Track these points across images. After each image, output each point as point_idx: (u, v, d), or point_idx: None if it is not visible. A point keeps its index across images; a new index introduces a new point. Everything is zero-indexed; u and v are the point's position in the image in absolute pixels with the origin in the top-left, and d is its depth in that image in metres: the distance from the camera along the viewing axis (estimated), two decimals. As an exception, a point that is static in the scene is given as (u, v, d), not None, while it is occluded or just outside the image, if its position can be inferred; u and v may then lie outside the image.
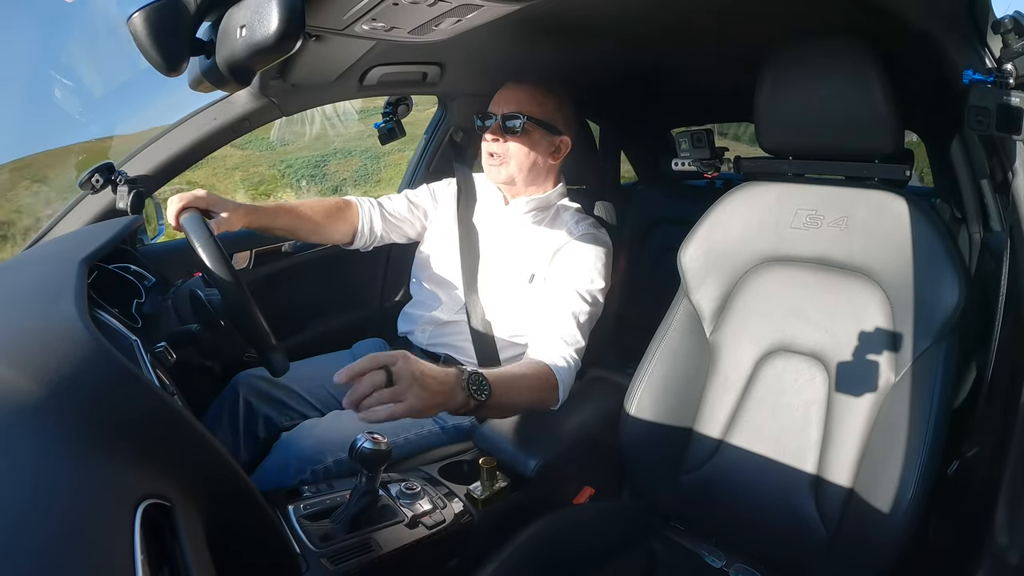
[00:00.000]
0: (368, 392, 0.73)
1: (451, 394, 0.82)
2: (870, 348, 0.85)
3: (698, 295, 1.01)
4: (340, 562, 0.76)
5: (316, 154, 7.32)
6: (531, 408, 1.01)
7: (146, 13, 0.57)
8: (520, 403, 0.97)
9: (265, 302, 0.89)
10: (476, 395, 0.84)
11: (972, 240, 1.22)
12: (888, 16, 0.78)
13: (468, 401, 0.84)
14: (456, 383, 0.83)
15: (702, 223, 1.03)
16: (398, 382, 0.75)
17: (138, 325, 0.86)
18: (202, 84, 0.68)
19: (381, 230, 1.29)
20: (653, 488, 1.00)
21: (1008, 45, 0.67)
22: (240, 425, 1.11)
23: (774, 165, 1.02)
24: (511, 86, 1.19)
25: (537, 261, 1.19)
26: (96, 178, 1.05)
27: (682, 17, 1.04)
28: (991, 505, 0.69)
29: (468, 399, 0.84)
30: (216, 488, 0.52)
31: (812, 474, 0.87)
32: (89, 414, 0.43)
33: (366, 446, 0.80)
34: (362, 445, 0.80)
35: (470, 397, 0.84)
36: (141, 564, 0.37)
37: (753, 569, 0.91)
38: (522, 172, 1.19)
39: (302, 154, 7.27)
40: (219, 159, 7.01)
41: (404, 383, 0.75)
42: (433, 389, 0.78)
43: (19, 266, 0.80)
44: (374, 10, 0.67)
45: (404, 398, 0.75)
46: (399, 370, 0.75)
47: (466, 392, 0.83)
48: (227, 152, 7.12)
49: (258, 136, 7.13)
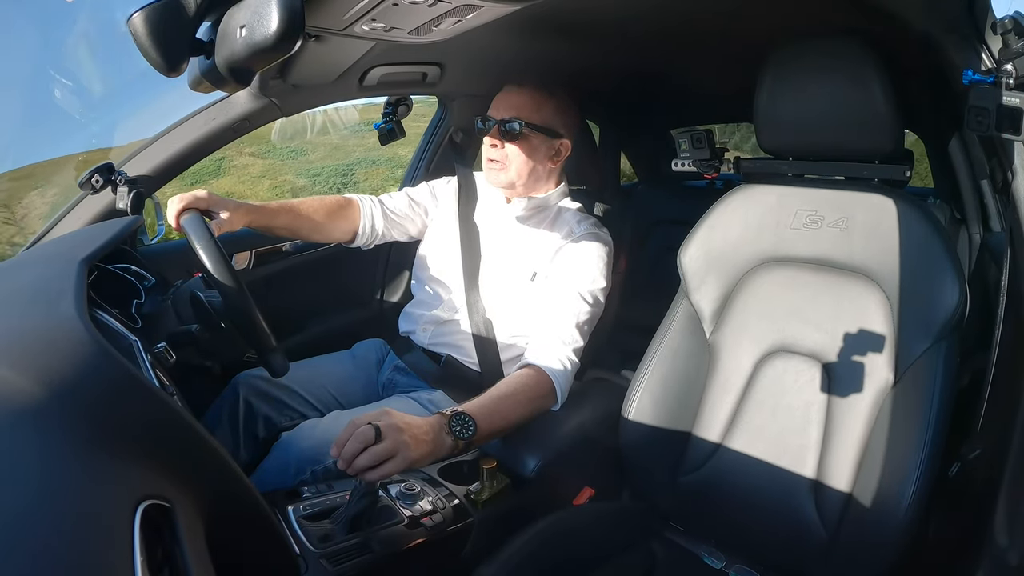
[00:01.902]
0: (359, 450, 0.76)
1: (438, 440, 0.85)
2: (870, 349, 0.85)
3: (698, 296, 1.01)
4: (339, 563, 0.76)
5: (340, 163, 7.34)
6: (529, 419, 1.01)
7: (146, 13, 0.57)
8: (514, 420, 0.98)
9: (265, 302, 0.89)
10: (461, 435, 0.87)
11: (972, 241, 1.22)
12: (888, 16, 0.78)
13: (456, 443, 0.87)
14: (440, 428, 0.86)
15: (702, 224, 1.03)
16: (386, 437, 0.78)
17: (138, 325, 0.87)
18: (202, 84, 0.68)
19: (382, 228, 1.29)
20: (653, 489, 1.00)
21: (1008, 45, 0.67)
22: (240, 425, 1.11)
23: (774, 166, 1.02)
24: (510, 90, 1.18)
25: (539, 259, 1.19)
26: (96, 178, 1.05)
27: (682, 17, 1.04)
28: (991, 505, 0.68)
29: (455, 441, 0.86)
30: (216, 489, 0.52)
31: (812, 475, 0.87)
32: (89, 415, 0.43)
33: None
34: None
35: (456, 439, 0.86)
36: (141, 564, 0.37)
37: (753, 570, 0.91)
38: (522, 177, 1.19)
39: (326, 163, 7.27)
40: (241, 168, 7.05)
41: (392, 435, 0.78)
42: (421, 439, 0.81)
43: (19, 266, 0.80)
44: (374, 10, 0.67)
45: (396, 452, 0.78)
46: (385, 426, 0.78)
47: (451, 435, 0.86)
48: (248, 161, 7.15)
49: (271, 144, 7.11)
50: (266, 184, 7.13)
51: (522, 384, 1.00)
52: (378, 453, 0.76)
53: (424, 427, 0.83)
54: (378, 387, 1.27)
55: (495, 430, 0.94)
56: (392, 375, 1.26)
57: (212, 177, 7.10)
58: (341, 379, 1.24)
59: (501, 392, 0.98)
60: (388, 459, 0.77)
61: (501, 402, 0.96)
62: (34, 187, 3.74)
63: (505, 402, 0.97)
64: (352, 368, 1.28)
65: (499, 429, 0.95)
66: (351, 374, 1.27)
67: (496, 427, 0.94)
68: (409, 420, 0.82)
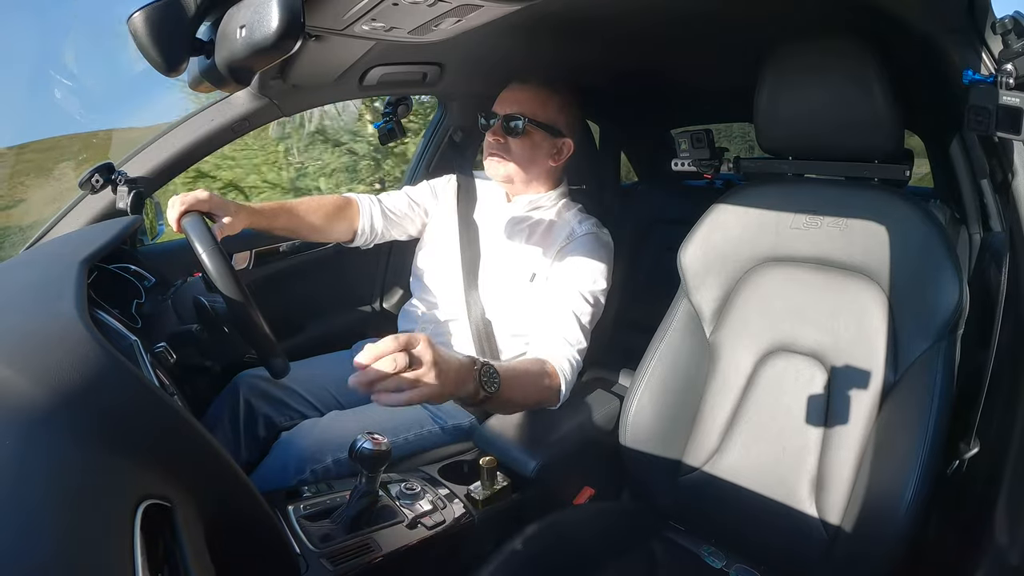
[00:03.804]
0: (389, 374, 0.71)
1: (463, 383, 0.80)
2: (870, 348, 0.85)
3: (698, 295, 1.01)
4: (340, 563, 0.76)
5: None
6: (534, 405, 1.01)
7: (146, 13, 0.57)
8: (525, 399, 0.97)
9: (265, 302, 0.90)
10: (486, 386, 0.83)
11: (972, 240, 1.22)
12: (888, 16, 0.78)
13: (478, 391, 0.83)
14: (469, 373, 0.82)
15: (702, 223, 1.03)
16: (419, 366, 0.73)
17: (138, 325, 0.87)
18: (202, 84, 0.68)
19: (381, 227, 1.29)
20: (653, 489, 1.00)
21: (1008, 45, 0.67)
22: (240, 425, 1.11)
23: (774, 165, 1.02)
24: (516, 86, 1.19)
25: (539, 260, 1.19)
26: (96, 178, 1.05)
27: (683, 17, 1.04)
28: (991, 505, 0.69)
29: (478, 389, 0.83)
30: (216, 488, 0.52)
31: (812, 474, 0.87)
32: (88, 415, 0.43)
33: (366, 446, 0.80)
34: (362, 445, 0.80)
35: (480, 388, 0.83)
36: (141, 564, 0.37)
37: (753, 569, 0.91)
38: (521, 172, 1.19)
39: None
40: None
41: (425, 368, 0.73)
42: (449, 377, 0.76)
43: (19, 266, 0.80)
44: (374, 10, 0.67)
45: (420, 383, 0.73)
46: (420, 353, 0.73)
47: (477, 383, 0.82)
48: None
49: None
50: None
51: (539, 369, 1.00)
52: (406, 382, 0.72)
53: (455, 365, 0.79)
54: (378, 387, 1.27)
55: (510, 399, 0.92)
56: (392, 375, 1.26)
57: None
58: (341, 379, 1.23)
59: (522, 367, 0.97)
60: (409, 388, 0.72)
61: (522, 375, 0.96)
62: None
63: (525, 377, 0.97)
64: (352, 368, 1.28)
65: (513, 400, 0.94)
66: (351, 374, 1.27)
67: (512, 396, 0.91)
68: (443, 354, 0.77)
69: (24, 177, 3.67)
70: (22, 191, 3.67)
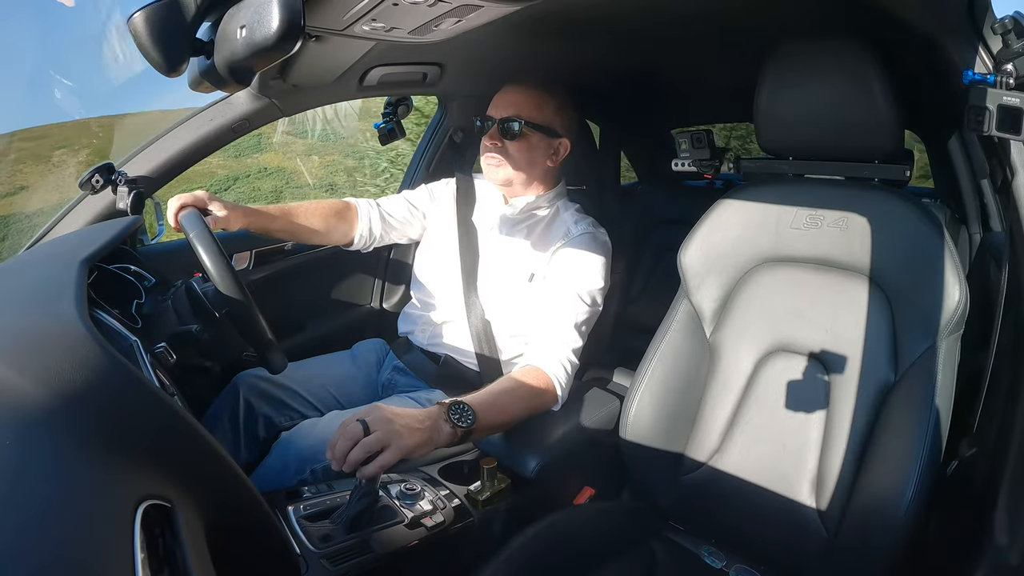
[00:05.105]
0: (350, 447, 0.75)
1: (435, 428, 0.83)
2: (870, 348, 0.85)
3: (698, 295, 1.01)
4: (340, 563, 0.76)
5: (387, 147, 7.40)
6: (528, 416, 1.01)
7: (146, 13, 0.57)
8: (512, 416, 0.98)
9: (265, 302, 0.90)
10: (459, 423, 0.86)
11: (972, 240, 1.22)
12: (888, 16, 0.78)
13: (455, 431, 0.85)
14: (437, 417, 0.84)
15: (702, 223, 1.03)
16: (375, 429, 0.77)
17: (138, 325, 0.86)
18: (202, 84, 0.68)
19: (380, 231, 1.29)
20: (653, 488, 1.00)
21: (1008, 45, 0.67)
22: (240, 425, 1.11)
23: (774, 165, 1.02)
24: (510, 89, 1.19)
25: (537, 260, 1.19)
26: (96, 178, 1.05)
27: (683, 17, 1.04)
28: (991, 505, 0.68)
29: (454, 429, 0.85)
30: (216, 488, 0.52)
31: (812, 474, 0.87)
32: (88, 415, 0.43)
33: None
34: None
35: (455, 427, 0.85)
36: (141, 564, 0.37)
37: (753, 569, 0.91)
38: (520, 174, 1.19)
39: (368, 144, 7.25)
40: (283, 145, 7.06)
41: (381, 427, 0.77)
42: (413, 427, 0.80)
43: (19, 266, 0.80)
44: (374, 10, 0.67)
45: (389, 443, 0.77)
46: (373, 419, 0.78)
47: (449, 423, 0.85)
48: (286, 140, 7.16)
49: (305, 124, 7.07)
50: (316, 161, 7.12)
51: (522, 380, 1.00)
52: (369, 444, 0.76)
53: (419, 416, 0.83)
54: (378, 387, 1.27)
55: (495, 423, 0.93)
56: (392, 375, 1.26)
57: (255, 151, 7.10)
58: (341, 379, 1.24)
59: (501, 387, 0.98)
60: (382, 450, 0.76)
61: (501, 396, 0.96)
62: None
63: (505, 396, 0.97)
64: (352, 368, 1.28)
65: (499, 423, 0.95)
66: (351, 374, 1.27)
67: (496, 420, 0.93)
68: (399, 410, 0.81)
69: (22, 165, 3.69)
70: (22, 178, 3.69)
